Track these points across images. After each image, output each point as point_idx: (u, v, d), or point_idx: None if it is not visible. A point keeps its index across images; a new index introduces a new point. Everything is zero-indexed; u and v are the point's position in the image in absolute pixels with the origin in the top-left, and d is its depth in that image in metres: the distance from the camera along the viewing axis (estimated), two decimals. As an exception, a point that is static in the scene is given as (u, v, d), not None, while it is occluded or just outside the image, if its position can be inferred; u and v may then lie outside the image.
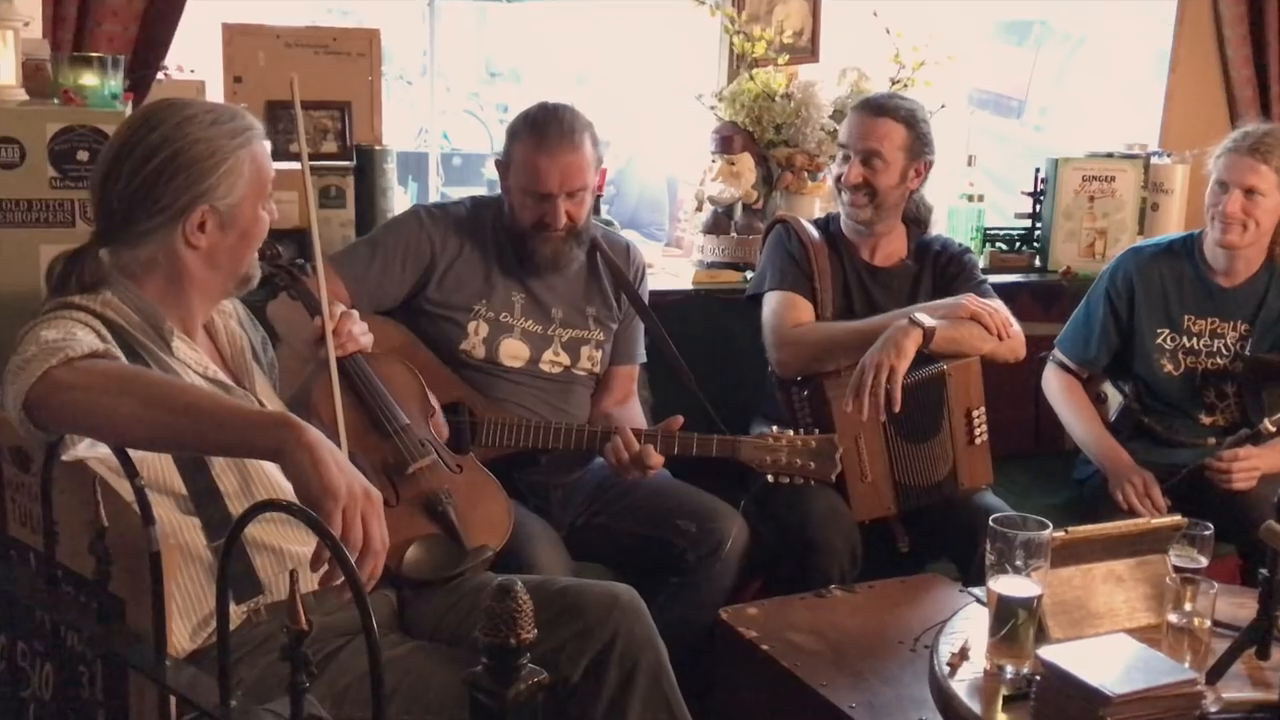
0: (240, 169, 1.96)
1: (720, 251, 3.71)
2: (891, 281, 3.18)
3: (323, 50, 3.39)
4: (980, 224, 4.05)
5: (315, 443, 1.60)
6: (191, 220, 1.95)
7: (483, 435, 2.74)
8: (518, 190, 2.79)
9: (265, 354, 2.29)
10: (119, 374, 1.69)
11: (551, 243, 2.82)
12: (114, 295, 1.96)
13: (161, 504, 1.89)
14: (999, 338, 2.98)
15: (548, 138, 2.75)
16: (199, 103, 2.03)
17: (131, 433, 1.65)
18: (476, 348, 2.84)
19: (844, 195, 3.10)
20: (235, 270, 2.04)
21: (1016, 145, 6.57)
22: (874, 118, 3.07)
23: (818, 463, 2.74)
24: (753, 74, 3.75)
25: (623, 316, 3.01)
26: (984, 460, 3.06)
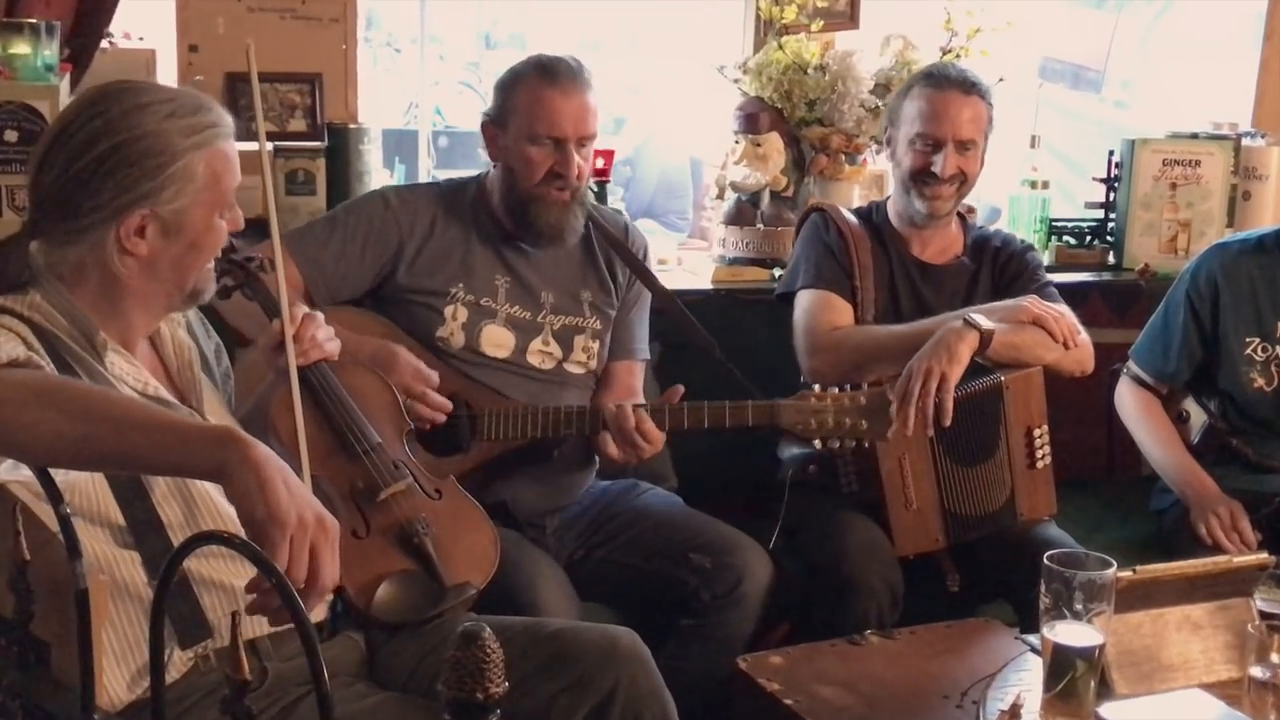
0: (192, 172, 1.96)
1: (744, 245, 3.71)
2: (944, 280, 3.18)
3: (289, 15, 3.42)
4: (1045, 214, 4.05)
5: (261, 461, 1.60)
6: (128, 224, 1.95)
7: (484, 428, 2.75)
8: (521, 141, 2.81)
9: (219, 364, 2.29)
10: (41, 384, 1.70)
11: (555, 208, 2.84)
12: (43, 298, 1.97)
13: (95, 535, 1.90)
14: (1064, 346, 2.97)
15: (559, 75, 2.79)
16: (161, 89, 2.03)
17: (55, 450, 1.65)
18: (455, 335, 2.85)
19: (923, 188, 3.09)
20: (180, 283, 2.04)
21: (1091, 123, 6.55)
22: (966, 96, 3.07)
23: (870, 420, 2.72)
24: (782, 43, 3.75)
25: (621, 304, 3.02)
26: (1046, 487, 3.05)
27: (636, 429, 2.69)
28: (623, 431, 2.70)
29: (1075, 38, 7.26)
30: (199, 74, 3.34)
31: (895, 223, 3.21)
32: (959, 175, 3.08)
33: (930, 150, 3.07)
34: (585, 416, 2.78)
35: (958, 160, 3.06)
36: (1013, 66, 3.93)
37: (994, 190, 4.93)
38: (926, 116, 3.07)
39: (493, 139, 2.89)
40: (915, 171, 3.09)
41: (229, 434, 1.64)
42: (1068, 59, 7.37)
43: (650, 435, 2.71)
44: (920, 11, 3.89)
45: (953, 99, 3.07)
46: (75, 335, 1.97)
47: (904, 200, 3.15)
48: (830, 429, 2.72)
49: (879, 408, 2.73)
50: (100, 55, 3.23)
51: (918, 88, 3.12)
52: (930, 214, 3.12)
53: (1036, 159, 4.06)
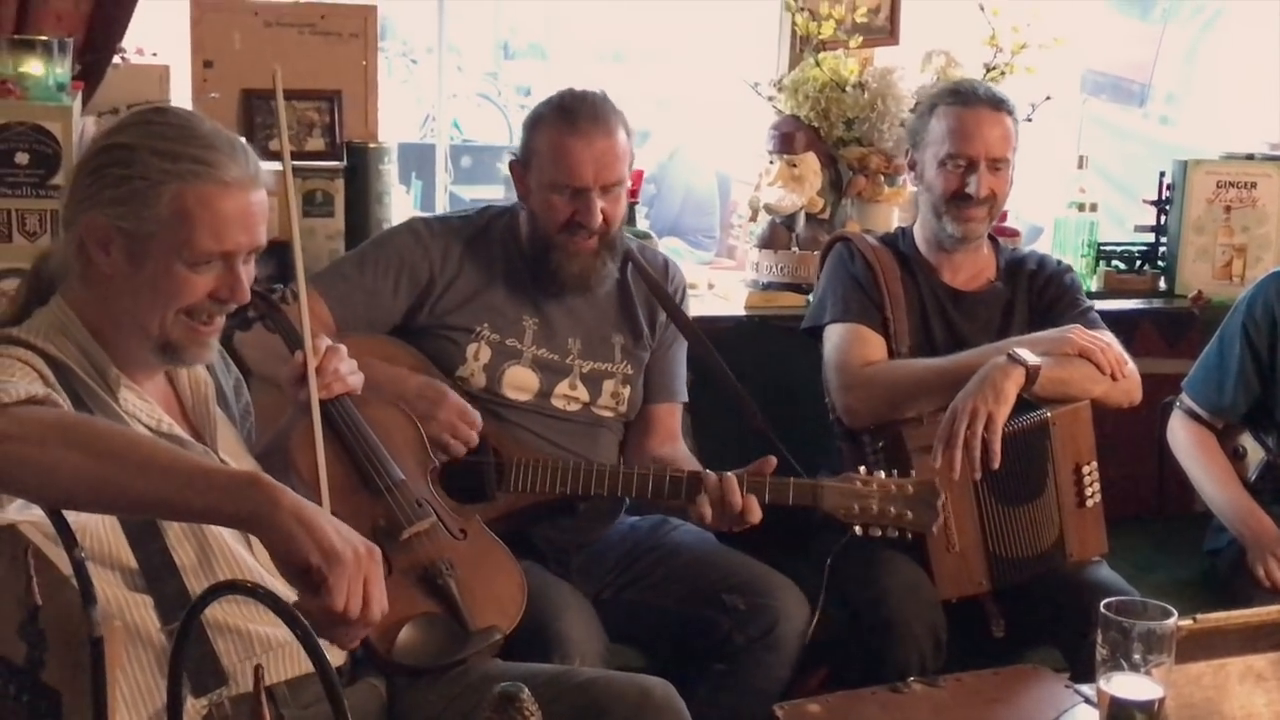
0: (156, 199, 1.93)
1: (779, 270, 3.71)
2: (978, 308, 3.16)
3: (309, 30, 3.42)
4: (1093, 238, 4.03)
5: (299, 504, 1.61)
6: (88, 226, 1.95)
7: (511, 479, 2.73)
8: (542, 188, 2.80)
9: (238, 400, 2.29)
10: (61, 422, 1.70)
11: (581, 257, 2.82)
12: (53, 322, 1.99)
13: (107, 578, 1.90)
14: (1112, 378, 2.95)
15: (579, 120, 2.76)
16: (194, 121, 2.01)
17: (73, 492, 1.66)
18: (475, 375, 2.84)
19: (957, 211, 3.07)
20: (143, 319, 1.99)
21: (1135, 140, 6.53)
22: (995, 113, 3.06)
23: (916, 511, 2.71)
24: (819, 59, 3.75)
25: (656, 345, 3.01)
26: (1097, 526, 3.03)
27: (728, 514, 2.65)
28: (728, 508, 2.65)
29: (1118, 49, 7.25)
30: (214, 91, 3.34)
31: (924, 249, 3.19)
32: (991, 196, 3.06)
33: (963, 170, 3.05)
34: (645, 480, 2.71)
35: (990, 180, 3.05)
36: (1054, 80, 3.92)
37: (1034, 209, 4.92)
38: (957, 135, 3.06)
39: (519, 179, 2.87)
40: (949, 194, 3.07)
41: (255, 479, 1.64)
42: (1110, 71, 7.36)
43: (752, 511, 2.66)
44: (963, 26, 3.87)
45: (984, 116, 3.05)
46: (89, 369, 1.98)
47: (935, 224, 3.12)
48: (874, 516, 2.70)
49: (927, 499, 2.71)
50: (113, 71, 3.24)
51: (943, 106, 3.10)
52: (964, 237, 3.10)
53: (1084, 179, 4.04)
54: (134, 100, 3.21)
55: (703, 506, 2.66)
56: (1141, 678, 2.01)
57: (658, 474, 2.72)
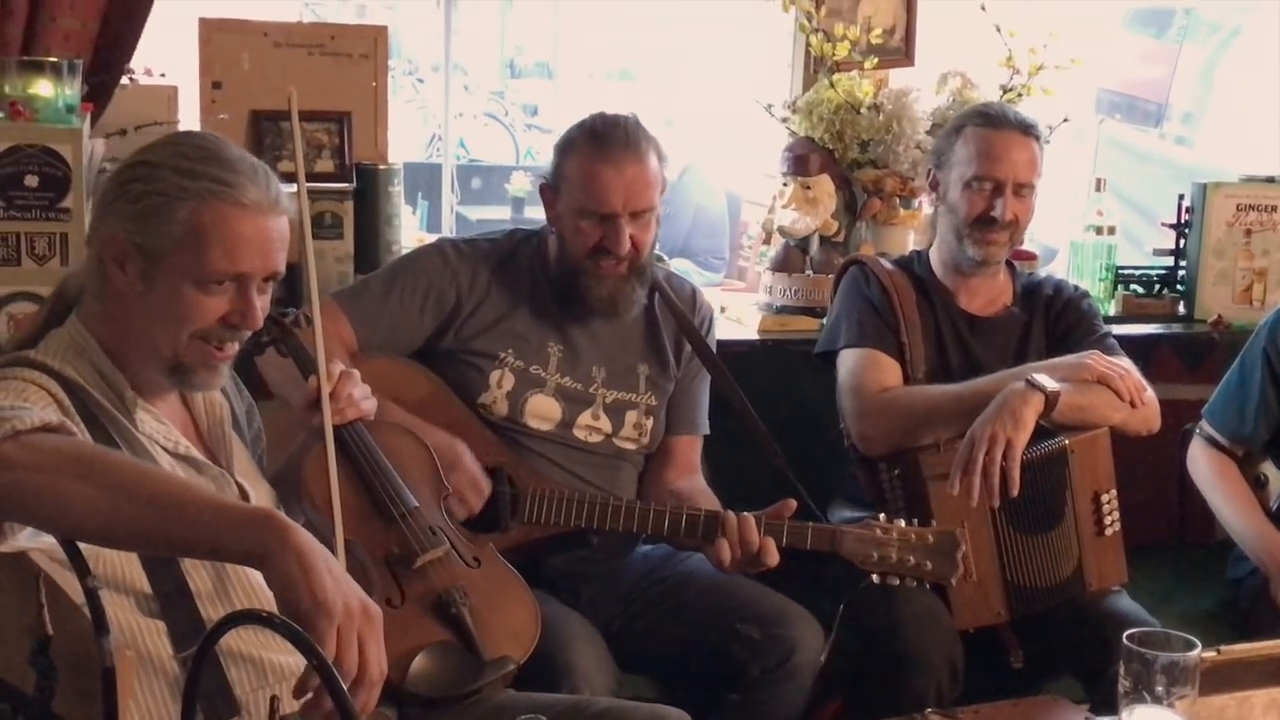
0: (169, 216, 1.94)
1: (793, 293, 3.72)
2: (995, 334, 3.16)
3: (319, 50, 3.44)
4: (1111, 262, 4.04)
5: (304, 546, 1.61)
6: (108, 242, 1.97)
7: (526, 510, 2.74)
8: (571, 213, 2.81)
9: (250, 426, 2.30)
10: (75, 453, 1.71)
11: (610, 281, 2.83)
12: (70, 349, 2.00)
13: (120, 604, 1.90)
14: (1131, 405, 2.95)
15: (610, 146, 2.77)
16: (222, 145, 2.03)
17: (86, 523, 1.67)
18: (498, 402, 2.84)
19: (980, 234, 3.07)
20: (155, 340, 2.00)
21: (1151, 161, 6.55)
22: (1024, 138, 3.07)
23: (935, 561, 2.71)
24: (833, 80, 3.77)
25: (680, 376, 3.01)
26: (1116, 555, 3.02)
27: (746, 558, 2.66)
28: (746, 548, 2.66)
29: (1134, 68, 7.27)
30: (222, 112, 3.37)
31: (940, 272, 3.19)
32: (1014, 221, 3.07)
33: (989, 193, 3.06)
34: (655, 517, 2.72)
35: (1015, 205, 3.05)
36: (1069, 100, 3.93)
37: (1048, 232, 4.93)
38: (985, 157, 3.06)
39: (550, 204, 2.88)
40: (974, 216, 3.08)
41: (269, 516, 1.65)
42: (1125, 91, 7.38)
43: (770, 557, 2.67)
44: (979, 48, 3.89)
45: (1012, 140, 3.06)
46: (105, 391, 1.99)
47: (954, 247, 3.12)
48: (892, 565, 2.70)
49: (947, 549, 2.71)
50: (121, 92, 3.26)
51: (971, 127, 3.10)
52: (984, 260, 3.10)
53: (1102, 202, 4.05)
54: (142, 121, 3.24)
55: (721, 550, 2.66)
56: (1165, 710, 2.01)
57: (674, 512, 2.72)
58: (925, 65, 3.97)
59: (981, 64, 3.87)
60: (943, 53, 4.02)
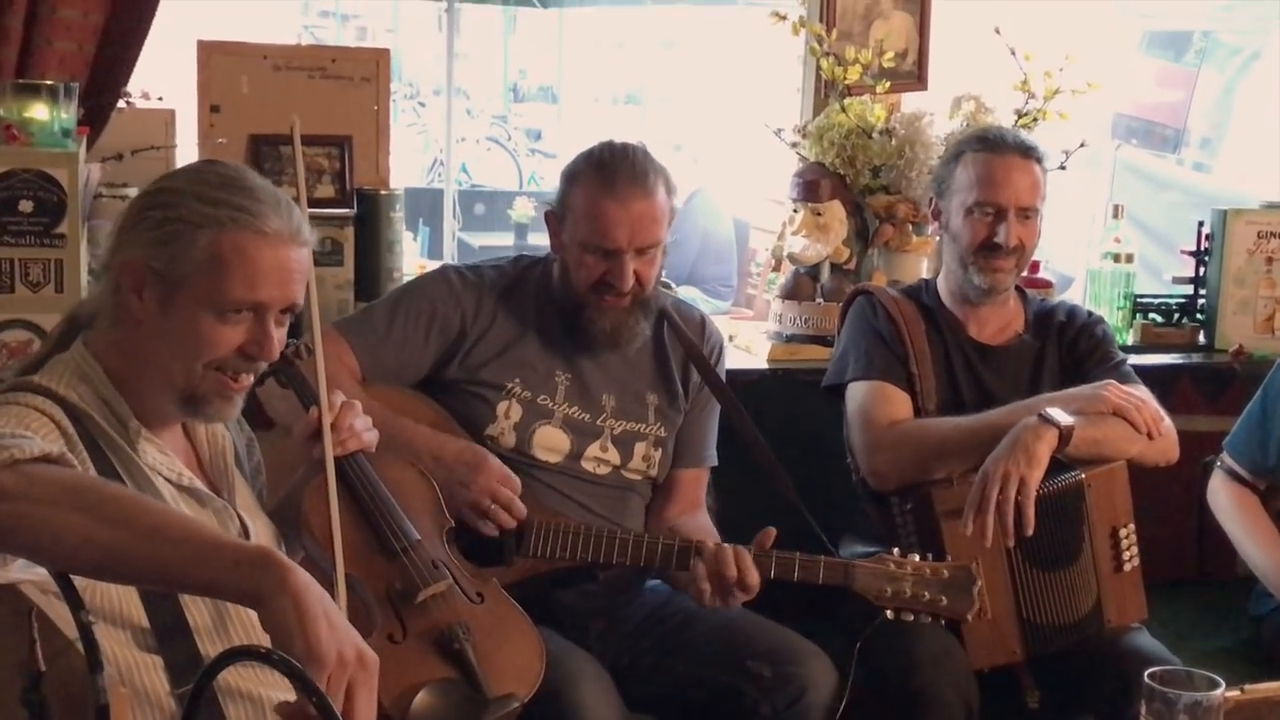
0: (191, 242, 1.96)
1: (803, 322, 3.72)
2: (1007, 363, 3.16)
3: (319, 74, 3.45)
4: (1130, 290, 4.05)
5: (301, 589, 1.61)
6: (128, 268, 1.99)
7: (530, 543, 2.73)
8: (575, 245, 2.81)
9: (250, 459, 2.31)
10: (73, 484, 1.71)
11: (613, 313, 2.83)
12: (76, 375, 2.00)
13: (116, 638, 1.91)
14: (1148, 436, 2.95)
15: (616, 180, 2.76)
16: (245, 174, 2.05)
17: (81, 556, 1.66)
18: (505, 434, 2.85)
19: (984, 262, 3.07)
20: (167, 371, 2.02)
21: (1169, 187, 6.55)
22: (1025, 160, 3.07)
23: (950, 597, 2.71)
24: (845, 104, 3.78)
25: (689, 407, 3.02)
26: (1135, 591, 3.02)
27: (738, 580, 2.64)
28: (722, 580, 2.64)
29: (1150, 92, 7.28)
30: (221, 136, 3.37)
31: (948, 301, 3.19)
32: (1020, 247, 3.07)
33: (991, 220, 3.06)
34: (655, 549, 2.72)
35: (1019, 230, 3.05)
36: (1085, 125, 3.94)
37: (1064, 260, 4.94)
38: (985, 182, 3.06)
39: (554, 231, 2.88)
40: (977, 244, 3.07)
41: (268, 556, 1.65)
42: (1142, 115, 7.39)
43: (751, 586, 2.65)
44: (993, 71, 3.90)
45: (1013, 163, 3.06)
46: (110, 419, 2.00)
47: (960, 276, 3.12)
48: (906, 600, 2.70)
49: (963, 585, 2.71)
50: (117, 116, 3.27)
51: (970, 153, 3.10)
52: (991, 288, 3.10)
53: (1119, 230, 4.06)
54: (139, 145, 3.25)
55: (698, 578, 2.64)
56: (1187, 751, 2.01)
57: (653, 542, 2.72)
58: (938, 89, 3.98)
59: (996, 88, 3.87)
60: (956, 76, 4.03)
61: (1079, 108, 3.88)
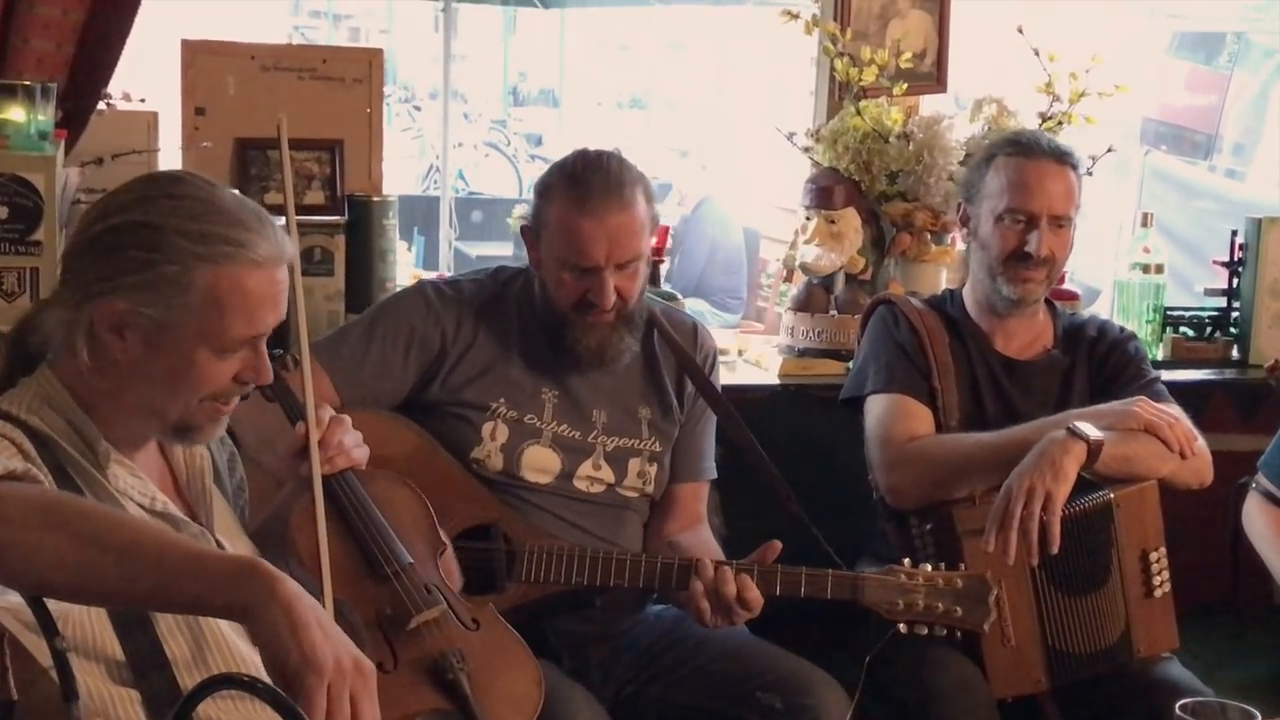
0: (187, 285, 1.92)
1: (816, 335, 3.71)
2: (1034, 379, 3.15)
3: (309, 75, 3.45)
4: (1159, 302, 4.03)
5: (292, 598, 1.60)
6: (103, 311, 1.93)
7: (523, 568, 2.72)
8: (553, 263, 2.80)
9: (232, 476, 2.29)
10: (42, 502, 1.70)
11: (597, 330, 2.82)
12: (38, 392, 1.98)
13: (90, 670, 1.88)
14: (1181, 455, 2.94)
15: (590, 194, 2.74)
16: (219, 192, 2.00)
17: (54, 577, 1.66)
18: (492, 456, 2.83)
19: (1014, 272, 3.06)
20: (158, 409, 2.00)
21: (1200, 194, 6.55)
22: (1059, 167, 3.06)
23: (966, 607, 2.70)
24: (860, 107, 3.77)
25: (685, 419, 3.01)
26: (1166, 619, 3.00)
27: (738, 597, 2.63)
28: (721, 597, 2.63)
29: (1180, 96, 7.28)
30: (206, 139, 3.36)
31: (974, 313, 3.19)
32: (1051, 257, 3.06)
33: (1023, 228, 3.05)
34: (654, 569, 2.71)
35: (1051, 239, 3.04)
36: (1112, 130, 3.93)
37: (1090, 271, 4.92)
38: (1017, 188, 3.05)
39: (531, 246, 2.86)
40: (1007, 253, 3.07)
41: (254, 566, 1.64)
42: (1172, 120, 7.39)
43: (752, 603, 2.65)
44: (1016, 73, 3.89)
45: (1047, 169, 3.05)
46: (75, 442, 1.97)
47: (988, 286, 3.11)
48: (919, 613, 2.69)
49: (978, 594, 2.70)
50: (97, 119, 3.26)
51: (1002, 157, 3.09)
52: (1020, 300, 3.09)
53: (1148, 239, 4.04)
54: (120, 149, 3.24)
55: (696, 597, 2.64)
56: (1222, 788, 1.99)
57: (651, 562, 2.71)
58: (958, 91, 3.97)
59: (1019, 90, 3.87)
60: (977, 78, 4.03)
61: (1106, 112, 3.87)
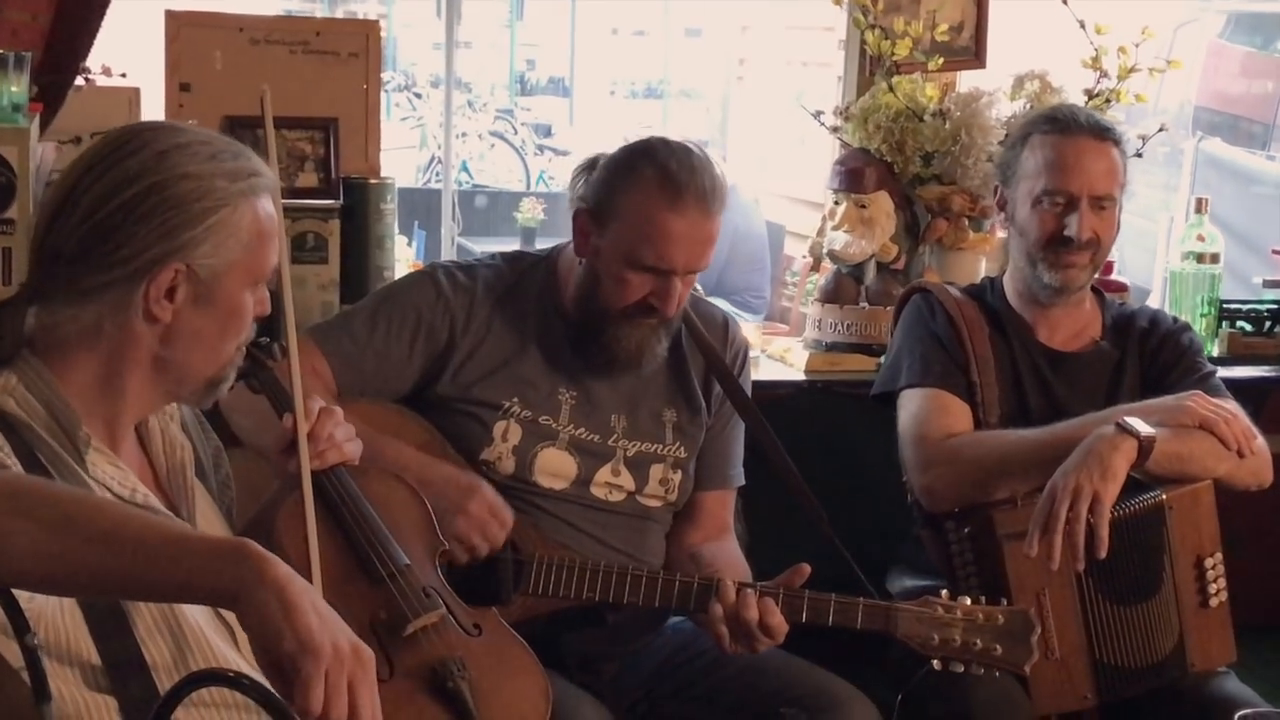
0: (237, 224, 1.98)
1: (845, 328, 3.71)
2: (1080, 372, 3.14)
3: (301, 48, 3.45)
4: (1214, 294, 4.03)
5: (284, 580, 1.60)
6: (159, 280, 1.96)
7: (530, 580, 2.71)
8: (618, 258, 2.74)
9: (217, 471, 2.29)
10: (11, 487, 1.69)
11: (639, 332, 2.79)
12: (19, 380, 1.97)
13: (64, 676, 1.88)
14: (1238, 454, 2.92)
15: (687, 192, 2.70)
16: (195, 129, 2.06)
17: (27, 567, 1.65)
18: (503, 459, 2.82)
19: (1054, 257, 3.06)
20: (201, 368, 2.04)
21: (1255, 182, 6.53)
22: (1100, 143, 3.06)
23: (1006, 645, 2.67)
24: (892, 83, 3.77)
25: (712, 422, 2.99)
26: (1223, 630, 2.99)
27: (760, 623, 2.61)
28: (741, 623, 2.61)
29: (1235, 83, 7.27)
30: (191, 117, 3.36)
31: (1016, 303, 3.18)
32: (1094, 240, 3.05)
33: (1061, 210, 3.04)
34: (671, 588, 2.69)
35: (1092, 221, 3.03)
36: (1161, 119, 3.92)
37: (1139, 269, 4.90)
38: (1055, 168, 3.04)
39: (585, 234, 2.80)
40: (1046, 238, 3.06)
41: (241, 548, 1.63)
42: (1225, 108, 7.38)
43: (775, 630, 2.62)
44: (1059, 47, 3.88)
45: (1085, 146, 3.05)
46: (53, 428, 1.96)
47: (1029, 273, 3.11)
48: (956, 650, 2.66)
49: (1019, 633, 2.67)
50: (75, 94, 3.27)
51: (1039, 135, 3.09)
52: (1062, 287, 3.09)
53: (1202, 227, 4.03)
54: (99, 127, 3.21)
55: (714, 621, 2.61)
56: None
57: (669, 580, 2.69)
58: (998, 66, 3.97)
59: (1063, 65, 3.86)
60: (1017, 52, 4.02)
61: (1154, 101, 3.85)
